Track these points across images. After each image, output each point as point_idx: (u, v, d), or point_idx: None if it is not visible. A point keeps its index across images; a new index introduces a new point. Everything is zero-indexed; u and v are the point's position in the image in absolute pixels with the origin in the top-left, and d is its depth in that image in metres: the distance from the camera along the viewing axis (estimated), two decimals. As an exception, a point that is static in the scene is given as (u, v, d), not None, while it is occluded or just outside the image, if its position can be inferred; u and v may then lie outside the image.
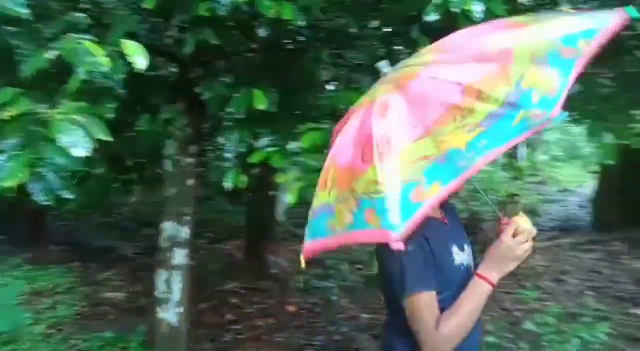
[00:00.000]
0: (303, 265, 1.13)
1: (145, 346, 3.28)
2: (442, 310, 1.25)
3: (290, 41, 2.46)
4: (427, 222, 1.27)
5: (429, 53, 1.27)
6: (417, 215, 0.97)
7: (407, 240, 1.13)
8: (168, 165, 2.72)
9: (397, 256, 1.21)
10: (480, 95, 0.99)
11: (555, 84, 0.96)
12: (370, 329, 3.94)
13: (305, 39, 2.39)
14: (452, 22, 2.07)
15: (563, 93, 0.95)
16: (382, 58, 1.38)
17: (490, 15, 2.03)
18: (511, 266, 1.26)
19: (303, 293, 4.67)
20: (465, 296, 1.26)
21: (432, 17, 1.91)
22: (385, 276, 1.33)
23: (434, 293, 1.26)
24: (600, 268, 5.50)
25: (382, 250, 1.31)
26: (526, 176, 7.32)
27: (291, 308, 4.38)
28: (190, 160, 2.71)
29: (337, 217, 1.06)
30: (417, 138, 1.02)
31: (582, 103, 2.44)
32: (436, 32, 2.18)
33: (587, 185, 8.23)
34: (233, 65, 2.42)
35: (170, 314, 2.75)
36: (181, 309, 2.78)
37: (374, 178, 1.00)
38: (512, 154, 7.08)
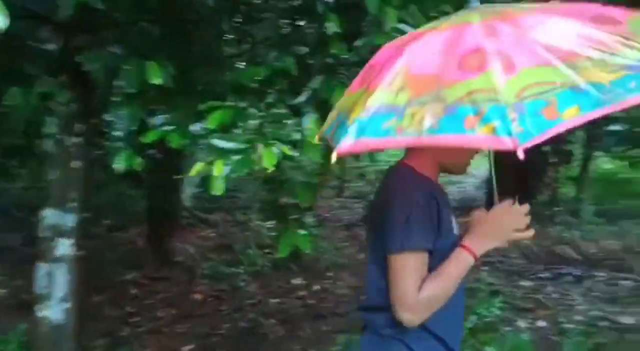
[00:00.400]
0: (334, 160, 1.04)
1: (24, 347, 2.96)
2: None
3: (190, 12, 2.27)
4: (435, 184, 1.33)
5: (529, 8, 1.21)
6: (551, 132, 0.91)
7: (420, 192, 1.24)
8: (49, 146, 2.43)
9: (408, 206, 1.22)
10: (627, 41, 1.01)
11: None
12: (278, 314, 3.89)
13: (205, 11, 2.22)
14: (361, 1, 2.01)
15: None
16: (287, 34, 1.29)
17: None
18: (494, 245, 1.26)
19: (210, 280, 4.51)
20: (448, 264, 1.23)
21: (338, -7, 1.86)
22: (385, 229, 1.25)
23: (427, 254, 1.23)
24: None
25: (390, 200, 1.27)
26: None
27: (197, 297, 4.21)
28: (75, 139, 2.44)
29: (409, 119, 0.99)
30: (545, 64, 0.98)
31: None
32: (345, 10, 2.12)
33: (483, 167, 8.77)
34: (123, 34, 2.19)
35: (53, 311, 2.49)
36: (67, 305, 2.52)
37: (489, 86, 0.95)
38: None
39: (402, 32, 2.02)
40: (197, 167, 1.78)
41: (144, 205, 5.40)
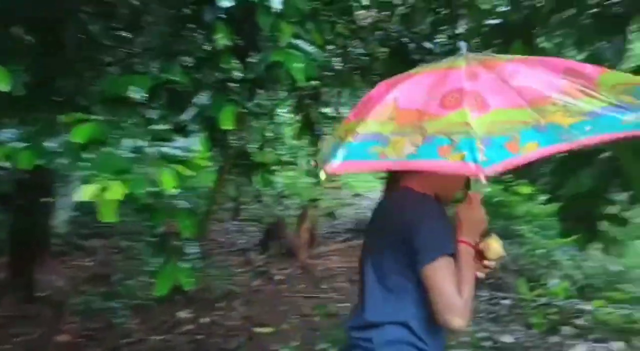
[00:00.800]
0: (323, 178, 1.20)
1: None
2: None
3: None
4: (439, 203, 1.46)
5: (509, 58, 1.40)
6: (511, 163, 1.07)
7: (435, 204, 1.42)
8: None
9: (432, 218, 1.36)
10: (590, 92, 1.17)
11: None
12: (161, 353, 3.52)
13: (69, 11, 1.92)
14: (250, 12, 1.88)
15: None
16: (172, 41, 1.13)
17: (291, 9, 1.89)
18: (478, 231, 1.41)
19: (82, 317, 3.98)
20: (463, 264, 1.33)
21: (225, 2, 1.81)
22: (416, 244, 1.32)
23: (453, 259, 1.33)
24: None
25: (412, 217, 1.37)
26: (326, 182, 7.66)
27: (64, 338, 3.67)
28: None
29: (392, 146, 1.14)
30: (514, 106, 1.14)
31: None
32: (234, 21, 1.96)
33: (376, 189, 9.02)
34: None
35: None
36: None
37: (463, 120, 1.10)
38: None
39: (299, 49, 1.90)
40: (88, 190, 1.46)
41: (4, 231, 4.69)
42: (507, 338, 3.92)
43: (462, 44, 1.37)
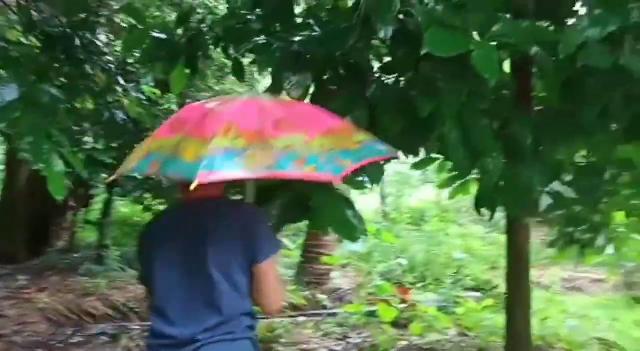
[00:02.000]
0: (193, 188, 1.25)
1: None
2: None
3: None
4: None
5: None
6: (346, 172, 1.49)
7: (259, 209, 1.78)
8: None
9: (265, 219, 1.71)
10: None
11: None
12: None
13: None
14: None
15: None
16: None
17: None
18: None
19: None
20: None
21: None
22: (249, 241, 1.53)
23: None
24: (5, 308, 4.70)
25: (245, 217, 1.60)
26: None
27: None
28: None
29: (250, 160, 1.34)
30: (324, 134, 1.54)
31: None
32: None
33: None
34: None
35: None
36: None
37: (301, 142, 1.43)
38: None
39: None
40: None
41: None
42: None
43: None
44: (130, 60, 4.39)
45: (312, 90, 2.30)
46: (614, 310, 6.09)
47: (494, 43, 1.74)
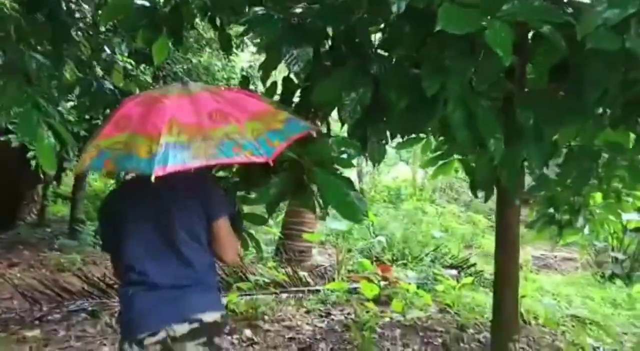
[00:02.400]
0: (153, 179, 1.43)
1: None
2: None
3: None
4: None
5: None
6: (277, 152, 1.69)
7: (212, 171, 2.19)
8: None
9: (218, 185, 2.05)
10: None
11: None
12: None
13: None
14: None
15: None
16: None
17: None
18: None
19: None
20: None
21: None
22: (206, 202, 1.79)
23: None
24: None
25: (203, 183, 1.87)
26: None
27: None
28: None
29: (196, 151, 1.53)
30: (251, 119, 1.71)
31: None
32: None
33: None
34: None
35: None
36: None
37: (235, 130, 1.63)
38: None
39: None
40: None
41: None
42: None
43: (187, 80, 1.89)
44: (103, 29, 4.18)
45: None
46: (584, 288, 6.31)
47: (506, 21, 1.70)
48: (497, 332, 3.16)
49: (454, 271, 6.10)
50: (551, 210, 4.09)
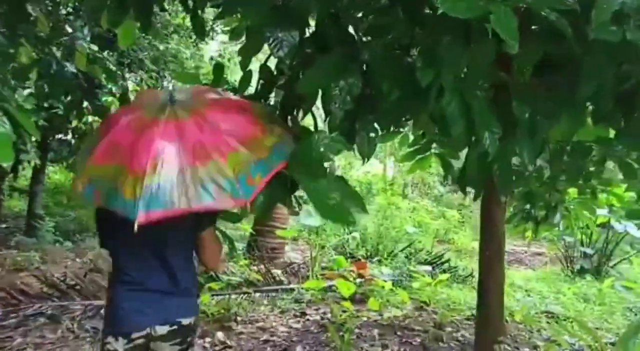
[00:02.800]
0: (136, 228, 1.49)
1: None
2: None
3: None
4: None
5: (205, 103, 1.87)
6: (257, 190, 1.70)
7: None
8: None
9: None
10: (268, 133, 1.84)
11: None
12: None
13: None
14: None
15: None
16: None
17: None
18: None
19: None
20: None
21: None
22: (198, 214, 1.72)
23: None
24: None
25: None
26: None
27: None
28: None
29: (179, 193, 1.57)
30: (234, 150, 1.68)
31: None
32: None
33: None
34: None
35: None
36: None
37: (217, 168, 1.62)
38: None
39: None
40: None
41: None
42: None
43: (175, 90, 1.82)
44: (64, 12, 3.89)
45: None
46: (555, 283, 6.36)
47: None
48: (481, 332, 3.08)
49: (429, 268, 6.05)
50: (527, 206, 4.08)
